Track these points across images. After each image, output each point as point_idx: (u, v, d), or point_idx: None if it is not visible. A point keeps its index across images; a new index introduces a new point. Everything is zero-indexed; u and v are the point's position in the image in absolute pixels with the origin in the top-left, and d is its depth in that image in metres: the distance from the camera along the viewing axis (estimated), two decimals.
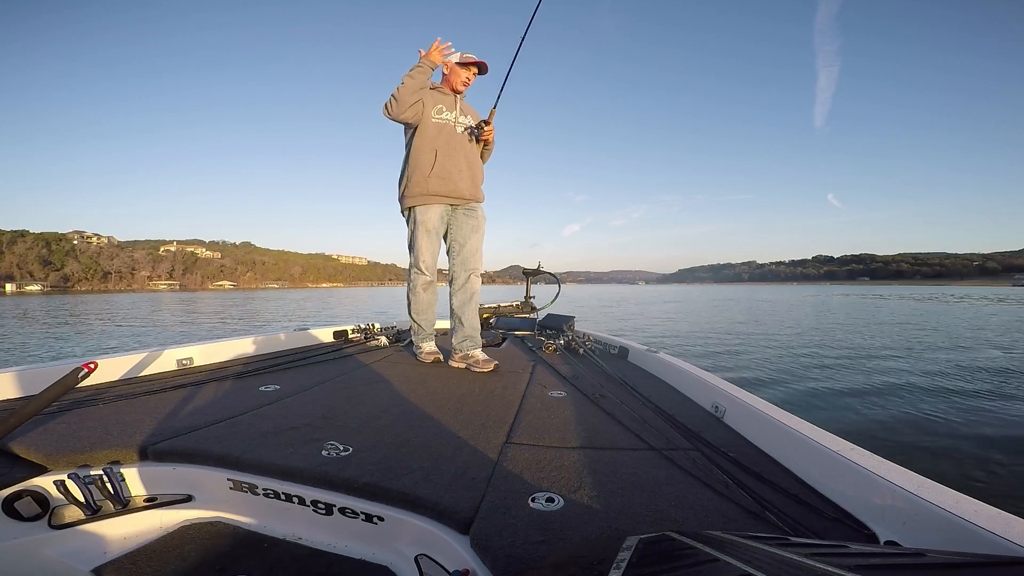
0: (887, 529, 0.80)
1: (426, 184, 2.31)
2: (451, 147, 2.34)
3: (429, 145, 2.30)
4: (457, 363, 2.35)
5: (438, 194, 2.33)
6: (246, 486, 1.08)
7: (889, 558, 0.41)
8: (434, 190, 2.32)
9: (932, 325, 13.13)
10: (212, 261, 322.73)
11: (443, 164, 2.31)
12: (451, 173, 2.34)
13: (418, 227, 2.36)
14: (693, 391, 1.76)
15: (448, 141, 2.34)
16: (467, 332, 2.39)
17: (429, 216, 2.35)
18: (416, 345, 2.55)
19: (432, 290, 2.53)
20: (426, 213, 2.35)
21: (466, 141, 2.41)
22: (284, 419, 1.42)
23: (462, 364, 2.33)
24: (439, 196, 2.34)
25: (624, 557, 0.47)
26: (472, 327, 2.41)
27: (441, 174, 2.31)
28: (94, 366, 1.37)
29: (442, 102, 2.36)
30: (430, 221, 2.36)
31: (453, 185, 2.35)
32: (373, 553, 0.99)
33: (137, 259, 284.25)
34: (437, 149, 2.30)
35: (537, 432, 1.34)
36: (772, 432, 1.20)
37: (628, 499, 0.94)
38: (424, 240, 2.38)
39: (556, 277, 4.38)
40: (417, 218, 2.36)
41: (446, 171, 2.32)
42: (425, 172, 2.30)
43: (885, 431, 3.73)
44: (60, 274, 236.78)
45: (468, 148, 2.42)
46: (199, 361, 2.22)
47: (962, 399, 4.69)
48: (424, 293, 2.49)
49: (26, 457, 1.12)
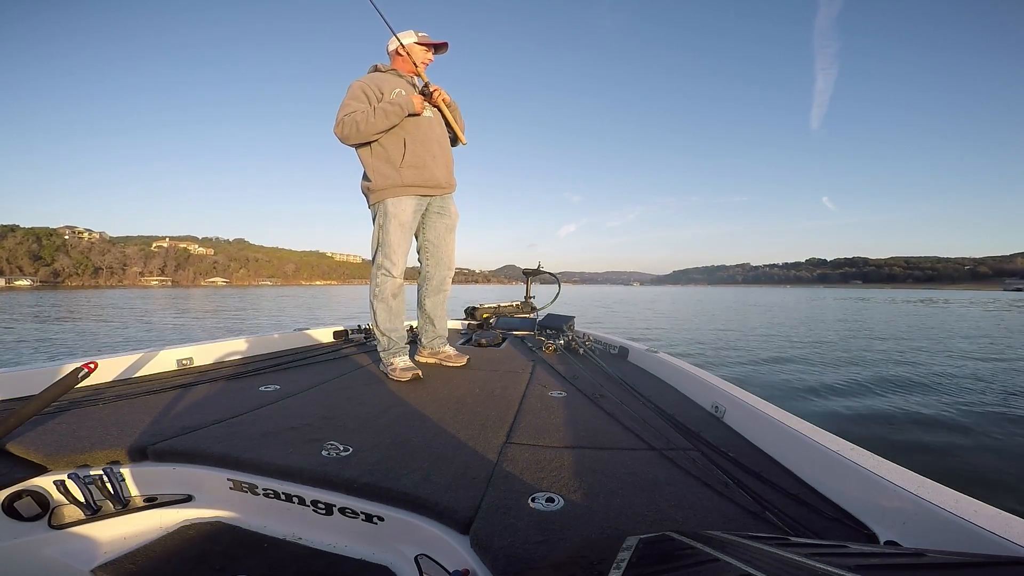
0: (887, 529, 0.81)
1: (399, 175, 2.08)
2: (420, 133, 2.11)
3: (396, 133, 2.07)
4: (426, 358, 2.35)
5: (412, 185, 2.11)
6: (246, 486, 1.08)
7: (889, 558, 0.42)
8: (408, 181, 2.09)
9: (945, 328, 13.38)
10: (205, 258, 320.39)
11: (415, 152, 2.09)
12: (425, 161, 2.12)
13: (390, 221, 2.10)
14: (693, 391, 1.77)
15: (416, 127, 2.11)
16: (438, 332, 2.37)
17: (402, 209, 2.11)
18: (387, 362, 2.12)
19: (402, 296, 2.23)
20: (399, 206, 2.10)
21: (436, 126, 2.19)
22: (284, 419, 1.41)
23: (432, 360, 2.33)
24: (414, 187, 2.12)
25: (624, 557, 0.47)
26: (443, 328, 2.38)
27: (414, 163, 2.09)
28: (94, 366, 1.37)
29: (399, 86, 2.11)
30: (404, 215, 2.12)
31: (429, 174, 2.14)
32: (373, 553, 0.99)
33: (129, 255, 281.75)
34: (405, 137, 2.08)
35: (537, 432, 1.34)
36: (772, 432, 1.21)
37: (628, 499, 0.94)
38: (397, 236, 2.12)
39: (556, 277, 4.39)
40: (389, 211, 2.10)
41: (419, 159, 2.10)
42: (396, 162, 2.07)
43: (885, 431, 3.76)
44: (50, 269, 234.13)
45: (439, 133, 2.20)
46: (199, 361, 2.21)
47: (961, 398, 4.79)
48: (394, 300, 2.17)
49: (26, 457, 1.12)
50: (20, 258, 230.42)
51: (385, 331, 2.15)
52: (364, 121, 1.98)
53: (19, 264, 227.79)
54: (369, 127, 1.99)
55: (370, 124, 1.99)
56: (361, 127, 1.99)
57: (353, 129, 1.99)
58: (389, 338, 2.14)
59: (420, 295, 2.41)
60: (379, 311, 2.15)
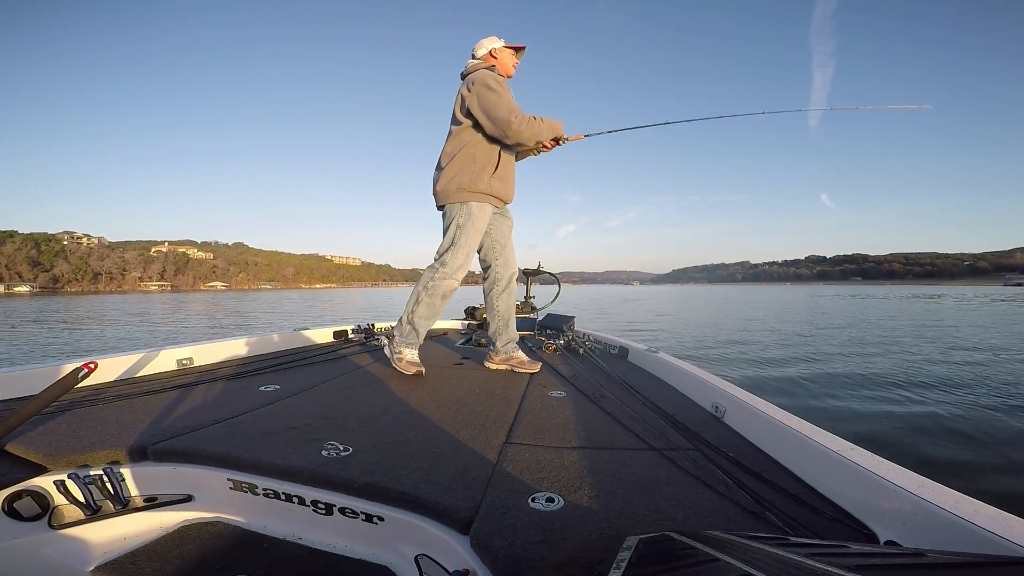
0: (887, 529, 0.80)
1: (489, 184, 2.17)
2: (509, 150, 2.24)
3: (495, 149, 2.18)
4: (497, 364, 2.31)
5: (496, 196, 2.22)
6: (246, 486, 1.08)
7: (889, 558, 0.42)
8: (495, 191, 2.21)
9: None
10: (204, 262, 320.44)
11: (504, 167, 2.21)
12: (509, 176, 2.26)
13: (472, 223, 2.16)
14: (693, 391, 1.77)
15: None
16: (511, 335, 2.35)
17: (484, 215, 2.20)
18: (396, 349, 2.17)
19: (448, 301, 2.25)
20: (483, 211, 2.19)
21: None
22: (284, 419, 1.41)
23: (503, 365, 2.29)
24: (495, 198, 2.23)
25: (624, 557, 0.47)
26: (515, 331, 2.38)
27: (502, 176, 2.21)
28: (94, 366, 1.37)
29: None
30: (482, 220, 2.21)
31: (509, 189, 2.28)
32: (373, 553, 0.99)
33: (128, 260, 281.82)
34: (501, 150, 2.19)
35: (537, 432, 1.34)
36: (772, 432, 1.21)
37: (628, 499, 0.94)
38: (474, 240, 2.19)
39: (556, 277, 4.40)
40: (474, 213, 2.16)
41: (506, 174, 2.23)
42: (488, 171, 2.16)
43: (888, 430, 3.75)
44: (49, 275, 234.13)
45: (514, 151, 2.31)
46: (199, 361, 2.22)
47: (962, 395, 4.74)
48: (441, 301, 2.20)
49: (26, 457, 1.12)
50: (19, 264, 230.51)
51: (414, 322, 2.17)
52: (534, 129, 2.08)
53: (18, 270, 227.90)
54: (535, 135, 2.10)
55: (537, 130, 2.09)
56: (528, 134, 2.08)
57: (528, 132, 2.07)
58: (414, 329, 2.18)
59: (491, 297, 2.39)
60: (423, 303, 2.17)
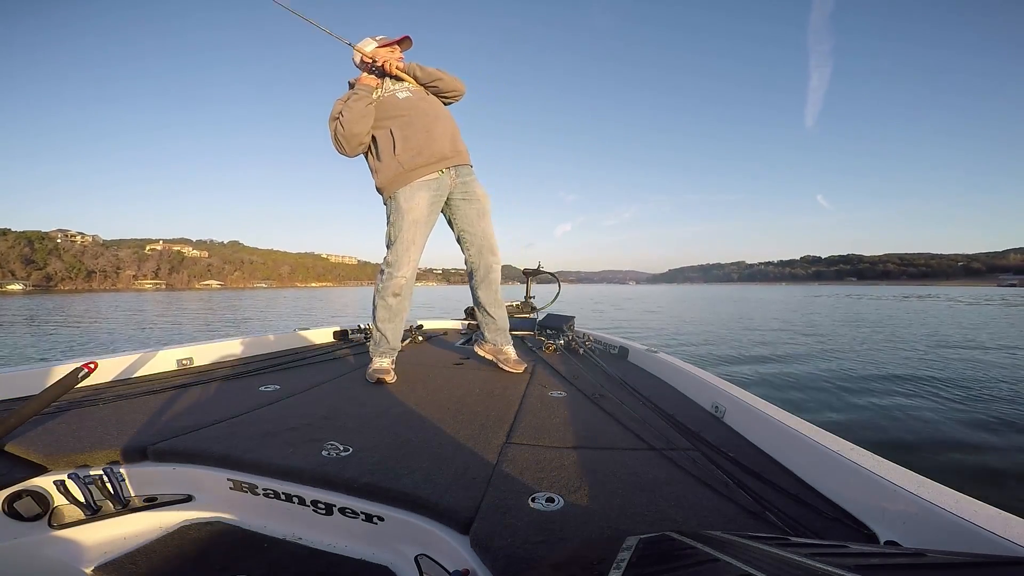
0: (887, 529, 0.80)
1: (397, 162, 2.00)
2: (404, 115, 2.04)
3: (382, 127, 2.03)
4: (485, 353, 2.29)
5: (415, 167, 2.01)
6: (246, 486, 1.08)
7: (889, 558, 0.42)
8: (409, 164, 2.00)
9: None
10: (199, 260, 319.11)
11: (404, 136, 2.01)
12: (419, 140, 2.03)
13: (402, 217, 2.00)
14: (693, 391, 1.76)
15: (397, 111, 2.04)
16: (499, 326, 2.28)
17: (416, 204, 2.01)
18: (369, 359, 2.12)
19: (406, 295, 2.12)
20: (412, 200, 2.00)
21: (419, 101, 2.09)
22: (284, 419, 1.41)
23: (490, 356, 2.26)
24: (417, 169, 2.01)
25: (624, 557, 0.47)
26: (503, 321, 2.29)
27: (408, 146, 2.01)
28: (94, 366, 1.37)
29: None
30: (416, 210, 2.01)
31: (428, 150, 2.03)
32: (373, 553, 0.99)
33: (122, 258, 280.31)
34: (391, 127, 2.02)
35: (537, 432, 1.34)
36: (772, 432, 1.20)
37: (628, 499, 0.94)
38: (409, 233, 2.01)
39: (556, 277, 4.40)
40: (401, 206, 1.99)
41: (412, 141, 2.02)
42: (389, 153, 2.01)
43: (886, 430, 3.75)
44: (43, 273, 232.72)
45: (424, 107, 2.09)
46: (199, 361, 2.21)
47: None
48: (394, 299, 2.08)
49: (26, 457, 1.12)
50: (12, 262, 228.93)
51: (379, 327, 2.12)
52: (346, 120, 1.97)
53: (11, 268, 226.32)
54: (351, 123, 1.97)
55: (349, 118, 1.97)
56: (345, 125, 1.97)
57: (339, 130, 1.99)
58: (384, 336, 2.11)
59: (472, 289, 2.32)
60: (379, 308, 2.12)
